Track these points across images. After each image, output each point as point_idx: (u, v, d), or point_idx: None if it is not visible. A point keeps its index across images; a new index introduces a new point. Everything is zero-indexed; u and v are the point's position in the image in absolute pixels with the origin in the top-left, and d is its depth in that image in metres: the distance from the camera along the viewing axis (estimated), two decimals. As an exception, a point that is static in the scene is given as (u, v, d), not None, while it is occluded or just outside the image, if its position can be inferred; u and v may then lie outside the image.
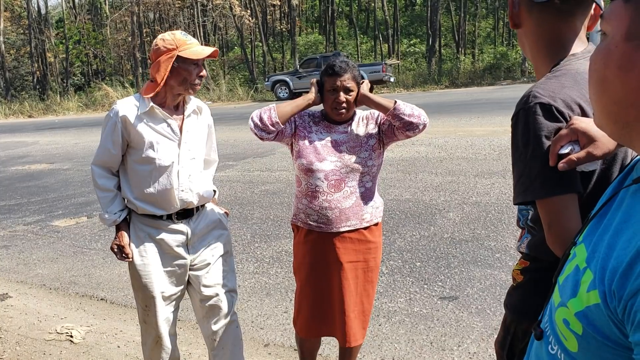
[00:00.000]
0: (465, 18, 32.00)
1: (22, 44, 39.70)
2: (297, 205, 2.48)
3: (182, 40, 2.28)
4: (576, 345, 0.77)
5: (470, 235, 4.83)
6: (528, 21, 1.35)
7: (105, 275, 4.71)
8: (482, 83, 23.60)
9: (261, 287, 4.18)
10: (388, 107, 2.30)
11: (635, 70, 0.69)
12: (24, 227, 6.46)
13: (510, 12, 1.38)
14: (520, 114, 1.25)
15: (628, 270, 0.66)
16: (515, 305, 1.47)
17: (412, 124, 2.30)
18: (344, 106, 2.35)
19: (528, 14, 1.34)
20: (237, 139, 11.59)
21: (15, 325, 3.84)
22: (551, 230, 1.21)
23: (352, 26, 36.44)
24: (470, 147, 8.54)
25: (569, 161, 1.16)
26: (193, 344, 3.38)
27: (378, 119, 2.47)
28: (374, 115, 2.48)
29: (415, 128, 2.32)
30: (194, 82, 2.30)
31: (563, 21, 1.32)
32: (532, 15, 1.34)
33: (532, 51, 1.40)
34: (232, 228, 5.46)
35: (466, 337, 3.18)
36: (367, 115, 2.50)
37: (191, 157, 2.42)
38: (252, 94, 26.89)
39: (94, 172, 2.41)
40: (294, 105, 2.40)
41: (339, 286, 2.40)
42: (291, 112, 2.38)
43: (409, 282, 4.02)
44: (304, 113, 2.48)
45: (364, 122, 2.47)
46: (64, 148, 13.12)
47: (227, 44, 39.73)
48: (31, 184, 9.14)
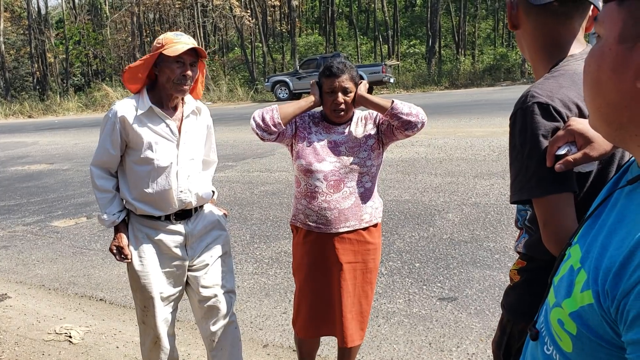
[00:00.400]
0: (465, 19, 32.02)
1: (22, 45, 39.73)
2: (297, 206, 2.48)
3: (170, 38, 2.27)
4: (571, 345, 0.78)
5: (470, 236, 4.84)
6: (526, 23, 1.36)
7: (105, 275, 4.71)
8: (482, 84, 23.62)
9: (260, 287, 4.18)
10: (385, 107, 2.30)
11: (629, 72, 0.69)
12: (24, 228, 6.46)
13: (509, 14, 1.39)
14: (518, 113, 1.26)
15: (621, 270, 0.67)
16: (512, 305, 1.48)
17: (410, 122, 2.30)
18: (342, 107, 2.35)
19: (526, 16, 1.35)
20: (237, 140, 11.60)
21: (14, 325, 3.85)
22: (546, 228, 1.22)
23: (352, 27, 36.46)
24: (470, 148, 8.55)
25: (565, 162, 1.17)
26: (192, 345, 3.38)
27: (377, 119, 2.47)
28: (373, 116, 2.49)
29: (414, 127, 2.32)
30: (176, 82, 2.27)
31: (561, 23, 1.32)
32: (530, 17, 1.34)
33: (530, 52, 1.41)
34: (232, 229, 5.47)
35: (465, 338, 3.18)
36: (366, 115, 2.50)
37: (190, 157, 2.42)
38: (252, 95, 26.92)
39: (93, 173, 2.41)
40: (297, 107, 2.40)
41: (337, 287, 2.41)
42: (293, 113, 2.38)
43: (408, 283, 4.03)
44: (305, 114, 2.48)
45: (363, 123, 2.47)
46: (64, 148, 13.13)
47: (227, 44, 39.76)
48: (31, 184, 9.15)
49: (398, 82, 25.32)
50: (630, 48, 0.69)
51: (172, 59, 2.24)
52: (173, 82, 2.27)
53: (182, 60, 2.26)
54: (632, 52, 0.69)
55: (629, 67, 0.69)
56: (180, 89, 2.30)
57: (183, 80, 2.28)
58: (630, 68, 0.69)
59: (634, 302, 0.64)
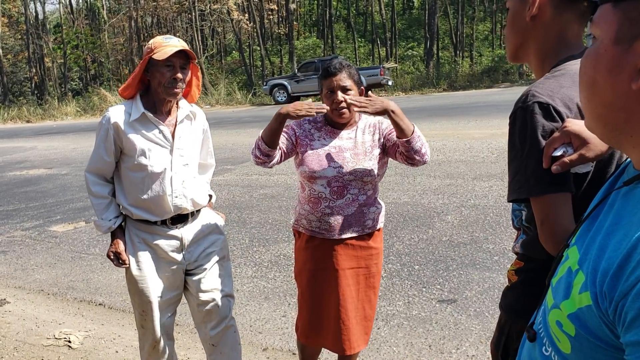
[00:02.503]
0: (462, 21, 32.06)
1: (20, 49, 39.74)
2: (299, 211, 2.46)
3: (159, 42, 2.26)
4: (569, 346, 0.78)
5: (469, 238, 4.83)
6: (547, 15, 1.31)
7: (104, 280, 4.71)
8: (480, 86, 23.64)
9: (260, 291, 4.18)
10: (406, 133, 2.19)
11: (624, 74, 0.69)
12: (22, 233, 6.45)
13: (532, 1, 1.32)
14: (518, 112, 1.26)
15: (618, 272, 0.67)
16: (510, 306, 1.48)
17: (414, 159, 2.27)
18: (343, 105, 2.30)
19: (552, 8, 1.30)
20: (236, 143, 11.60)
21: (13, 330, 3.84)
22: (543, 227, 1.22)
23: (349, 30, 36.54)
24: (469, 150, 8.55)
25: (562, 164, 1.17)
26: (191, 349, 3.37)
27: (384, 130, 2.41)
28: (380, 126, 2.43)
29: (413, 164, 2.31)
30: (167, 85, 2.26)
31: (579, 24, 1.31)
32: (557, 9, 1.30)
33: (536, 48, 1.36)
34: (231, 232, 5.47)
35: (465, 340, 3.18)
36: (374, 123, 2.44)
37: (184, 163, 2.40)
38: (250, 98, 26.93)
39: (88, 179, 2.40)
40: (270, 127, 2.29)
41: (340, 293, 2.38)
42: (271, 132, 2.28)
43: (408, 285, 4.02)
44: (304, 121, 2.44)
45: (370, 131, 2.42)
46: (62, 153, 13.12)
47: (226, 48, 39.80)
48: (29, 189, 9.14)
49: (396, 84, 25.33)
50: (625, 49, 0.69)
51: (162, 62, 2.22)
52: (164, 86, 2.26)
53: (171, 64, 2.24)
54: (627, 53, 0.69)
55: (625, 68, 0.69)
56: (172, 92, 2.28)
57: (174, 83, 2.26)
58: (626, 69, 0.69)
59: (631, 304, 0.64)
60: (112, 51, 37.75)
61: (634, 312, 0.63)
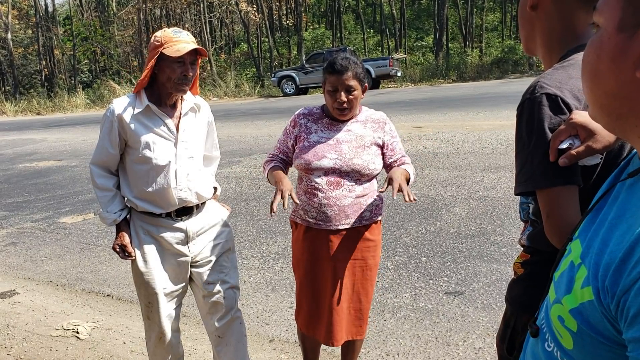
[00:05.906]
0: (472, 11, 31.76)
1: (30, 42, 39.93)
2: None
3: (169, 37, 2.23)
4: (571, 342, 0.76)
5: (477, 230, 4.81)
6: (548, 3, 1.29)
7: (112, 271, 4.74)
8: (490, 77, 23.47)
9: (266, 282, 4.19)
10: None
11: (628, 62, 0.67)
12: (32, 224, 6.50)
13: None
14: (526, 103, 1.24)
15: (621, 266, 0.65)
16: (516, 298, 1.47)
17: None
18: (345, 106, 2.31)
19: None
20: (244, 135, 11.60)
21: (22, 321, 3.87)
22: (549, 220, 1.20)
23: (358, 20, 36.35)
24: (477, 141, 8.50)
25: (569, 156, 1.15)
26: (198, 340, 3.39)
27: (386, 133, 2.42)
28: (383, 127, 2.42)
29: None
30: (177, 81, 2.24)
31: (585, 11, 1.28)
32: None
33: (543, 38, 1.34)
34: (238, 224, 5.48)
35: (472, 332, 3.17)
36: (378, 119, 2.43)
37: (189, 155, 2.39)
38: (258, 90, 26.90)
39: (93, 171, 2.40)
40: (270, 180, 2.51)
41: (336, 283, 2.39)
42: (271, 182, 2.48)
43: (415, 277, 4.01)
44: (300, 116, 2.45)
45: (371, 127, 2.40)
46: (72, 145, 13.19)
47: (234, 40, 39.76)
48: (39, 181, 9.20)
49: (405, 75, 25.21)
50: (629, 37, 0.67)
51: (173, 58, 2.21)
52: (174, 81, 2.25)
53: (182, 60, 2.23)
54: (631, 41, 0.67)
55: (629, 56, 0.67)
56: (181, 88, 2.28)
57: (184, 80, 2.26)
58: (630, 57, 0.67)
59: (634, 299, 0.62)
60: (121, 43, 37.83)
61: (636, 307, 0.62)
